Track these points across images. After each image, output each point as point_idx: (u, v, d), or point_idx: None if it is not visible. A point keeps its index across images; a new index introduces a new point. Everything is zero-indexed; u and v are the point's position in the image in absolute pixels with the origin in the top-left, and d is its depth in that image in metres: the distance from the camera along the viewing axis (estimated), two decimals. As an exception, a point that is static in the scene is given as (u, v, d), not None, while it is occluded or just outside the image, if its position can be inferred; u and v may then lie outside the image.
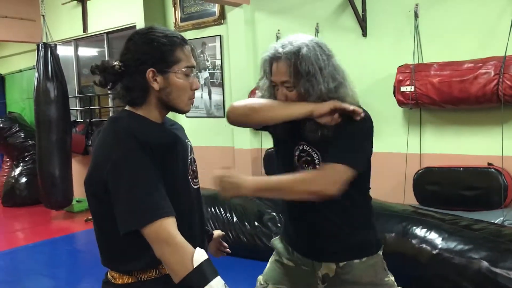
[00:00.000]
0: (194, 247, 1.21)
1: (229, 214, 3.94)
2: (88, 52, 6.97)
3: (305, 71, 1.45)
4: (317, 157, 1.55)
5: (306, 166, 1.57)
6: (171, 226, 1.20)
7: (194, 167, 1.45)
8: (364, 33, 4.02)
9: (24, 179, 6.64)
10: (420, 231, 2.92)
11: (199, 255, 1.19)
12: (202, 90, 5.29)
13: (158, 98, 1.32)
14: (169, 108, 1.36)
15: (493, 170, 3.31)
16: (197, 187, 1.44)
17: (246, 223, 3.83)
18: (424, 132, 3.79)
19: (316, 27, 4.21)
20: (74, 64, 6.82)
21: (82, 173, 1.33)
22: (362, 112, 1.49)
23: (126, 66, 1.30)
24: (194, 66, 1.36)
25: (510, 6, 3.30)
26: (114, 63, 1.30)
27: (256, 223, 3.80)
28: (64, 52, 6.76)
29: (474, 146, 3.54)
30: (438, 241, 2.82)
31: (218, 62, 5.17)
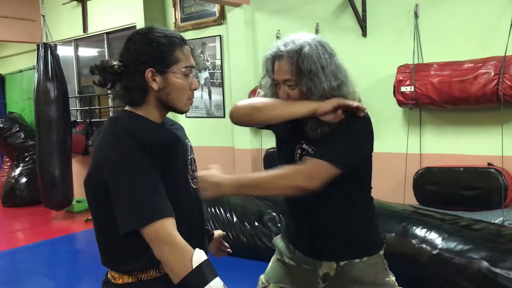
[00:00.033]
0: (194, 248, 1.21)
1: (229, 214, 3.93)
2: (88, 52, 6.98)
3: (307, 70, 1.45)
4: None
5: None
6: (171, 226, 1.20)
7: (194, 167, 1.45)
8: (364, 33, 4.02)
9: (24, 179, 6.64)
10: (420, 231, 2.92)
11: (199, 256, 1.19)
12: (202, 90, 5.29)
13: (157, 98, 1.32)
14: (168, 108, 1.36)
15: (493, 170, 3.31)
16: (196, 187, 1.43)
17: (246, 223, 3.83)
18: (424, 132, 3.79)
19: (316, 27, 4.21)
20: (74, 64, 6.82)
21: (82, 173, 1.33)
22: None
23: (125, 66, 1.30)
24: (194, 66, 1.36)
25: (510, 6, 3.30)
26: (113, 63, 1.30)
27: (256, 223, 3.80)
28: (64, 52, 6.76)
29: (474, 146, 3.54)
30: (438, 241, 2.82)
31: (218, 62, 5.17)
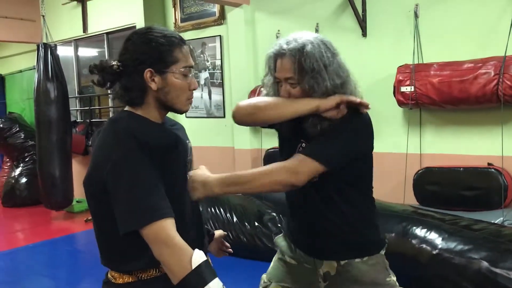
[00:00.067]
0: (193, 248, 1.21)
1: (229, 214, 3.93)
2: (88, 52, 6.98)
3: (309, 68, 1.45)
4: None
5: None
6: (170, 227, 1.20)
7: (191, 169, 1.46)
8: (364, 33, 4.02)
9: (24, 180, 6.64)
10: (420, 231, 2.92)
11: (198, 257, 1.19)
12: (202, 90, 5.29)
13: (156, 98, 1.32)
14: (167, 108, 1.36)
15: (493, 170, 3.31)
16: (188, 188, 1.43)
17: (246, 223, 3.83)
18: (424, 132, 3.79)
19: (316, 27, 4.21)
20: (74, 64, 6.83)
21: (82, 173, 1.33)
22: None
23: (124, 66, 1.30)
24: (193, 66, 1.36)
25: (510, 6, 3.30)
26: (112, 63, 1.29)
27: (256, 224, 3.80)
28: (64, 52, 6.76)
29: (474, 146, 3.54)
30: (438, 241, 2.82)
31: (218, 62, 5.17)
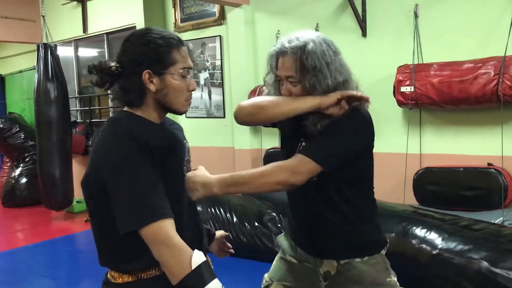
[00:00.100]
0: (192, 248, 1.21)
1: (229, 215, 3.93)
2: (88, 52, 6.98)
3: (311, 66, 1.45)
4: None
5: None
6: (170, 227, 1.20)
7: (190, 169, 1.46)
8: (364, 33, 4.02)
9: (24, 180, 6.64)
10: (420, 231, 2.92)
11: (198, 257, 1.19)
12: (202, 91, 5.29)
13: (154, 100, 1.32)
14: (166, 109, 1.36)
15: (493, 170, 3.31)
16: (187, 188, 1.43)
17: (246, 224, 3.83)
18: (424, 132, 3.79)
19: (316, 28, 4.21)
20: (74, 64, 6.83)
21: (82, 173, 1.33)
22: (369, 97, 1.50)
23: (123, 67, 1.30)
24: (191, 67, 1.36)
25: (510, 6, 3.30)
26: (111, 64, 1.30)
27: (256, 224, 3.80)
28: (64, 52, 6.76)
29: (474, 146, 3.54)
30: (438, 241, 2.82)
31: (218, 63, 5.17)
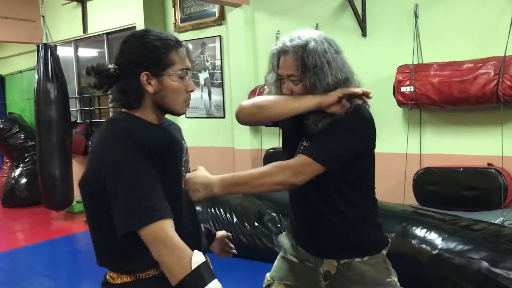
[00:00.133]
0: (190, 248, 1.21)
1: (229, 215, 3.93)
2: (88, 52, 6.98)
3: (312, 65, 1.45)
4: None
5: None
6: (169, 227, 1.20)
7: (188, 169, 1.46)
8: (364, 33, 4.02)
9: (24, 180, 6.64)
10: (420, 232, 2.92)
11: (197, 258, 1.19)
12: (202, 91, 5.29)
13: (153, 101, 1.32)
14: (164, 110, 1.36)
15: (493, 170, 3.31)
16: (186, 189, 1.43)
17: (246, 224, 3.83)
18: (424, 132, 3.79)
19: (315, 28, 4.21)
20: (74, 64, 6.83)
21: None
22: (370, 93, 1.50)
23: (121, 69, 1.30)
24: (189, 68, 1.36)
25: (510, 6, 3.30)
26: (109, 66, 1.30)
27: (256, 224, 3.80)
28: (64, 52, 6.76)
29: (474, 146, 3.53)
30: (438, 241, 2.82)
31: (218, 63, 5.17)
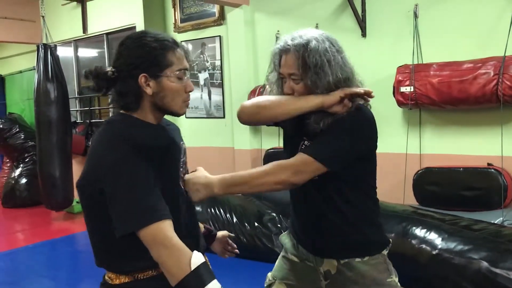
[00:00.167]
0: (189, 249, 1.21)
1: (229, 215, 3.93)
2: (88, 53, 6.98)
3: (313, 63, 1.45)
4: None
5: None
6: (168, 228, 1.20)
7: (186, 170, 1.46)
8: (363, 33, 4.02)
9: (24, 180, 6.64)
10: (420, 232, 2.92)
11: (197, 258, 1.19)
12: (202, 91, 5.29)
13: (152, 103, 1.32)
14: (163, 111, 1.36)
15: (492, 170, 3.31)
16: (186, 190, 1.43)
17: (246, 224, 3.83)
18: (423, 132, 3.79)
19: (315, 28, 4.20)
20: (74, 65, 6.83)
21: (82, 174, 1.34)
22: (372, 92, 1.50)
23: (119, 72, 1.30)
24: (187, 68, 1.36)
25: (510, 6, 3.30)
26: (107, 69, 1.30)
27: (256, 224, 3.80)
28: (64, 53, 6.76)
29: (473, 146, 3.54)
30: (438, 241, 2.82)
31: (217, 63, 5.17)
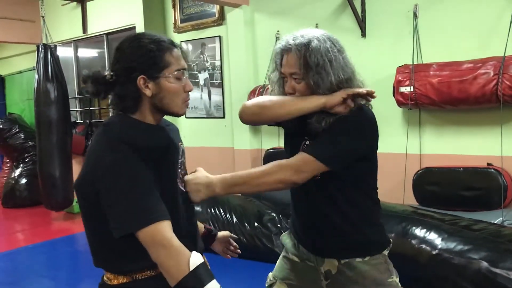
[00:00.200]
0: (188, 249, 1.21)
1: (228, 215, 3.93)
2: (87, 53, 6.98)
3: (314, 63, 1.45)
4: None
5: None
6: (167, 229, 1.20)
7: (184, 171, 1.45)
8: (363, 33, 4.02)
9: (24, 180, 6.64)
10: (419, 232, 2.92)
11: (195, 259, 1.19)
12: (202, 91, 5.29)
13: (151, 104, 1.32)
14: (163, 112, 1.36)
15: (492, 170, 3.31)
16: (186, 190, 1.43)
17: (246, 224, 3.83)
18: (423, 132, 3.79)
19: (315, 28, 4.20)
20: (74, 65, 6.83)
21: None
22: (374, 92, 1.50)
23: (117, 75, 1.29)
24: (185, 68, 1.35)
25: (510, 6, 3.30)
26: (105, 74, 1.30)
27: (256, 224, 3.80)
28: (64, 53, 6.76)
29: (473, 146, 3.54)
30: (438, 241, 2.82)
31: (217, 63, 5.18)
